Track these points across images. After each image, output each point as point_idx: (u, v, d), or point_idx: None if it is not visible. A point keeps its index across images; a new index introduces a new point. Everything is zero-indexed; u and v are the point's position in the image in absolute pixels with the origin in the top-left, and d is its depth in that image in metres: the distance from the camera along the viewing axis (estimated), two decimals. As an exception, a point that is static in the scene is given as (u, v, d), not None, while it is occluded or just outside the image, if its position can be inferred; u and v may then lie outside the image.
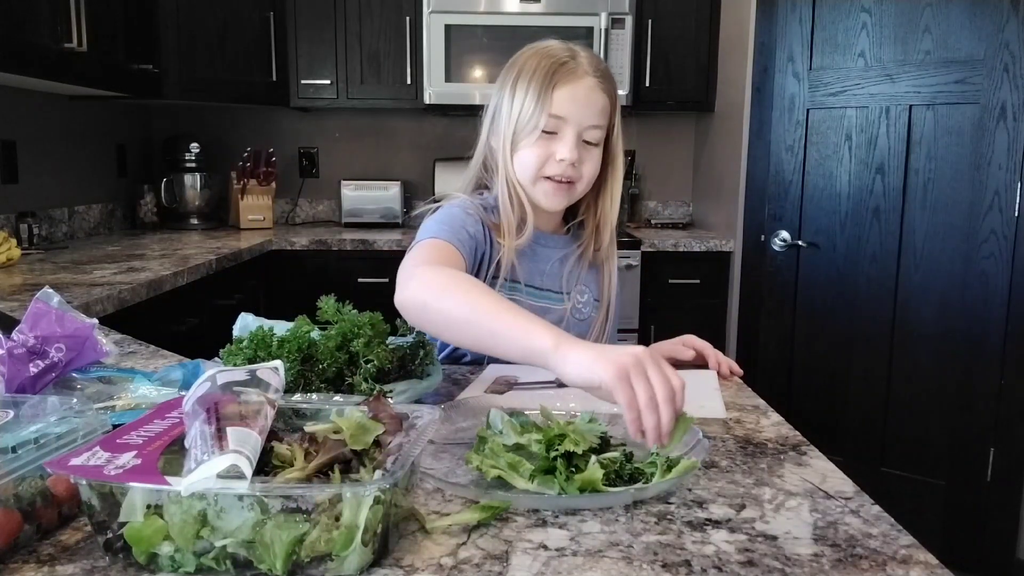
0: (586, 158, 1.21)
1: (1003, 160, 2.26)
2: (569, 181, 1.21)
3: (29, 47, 2.02)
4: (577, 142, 1.19)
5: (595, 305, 1.34)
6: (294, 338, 0.90)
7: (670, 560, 0.60)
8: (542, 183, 1.22)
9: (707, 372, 1.17)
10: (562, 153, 1.19)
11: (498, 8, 3.01)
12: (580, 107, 1.19)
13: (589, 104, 1.19)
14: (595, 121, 1.20)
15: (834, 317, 2.63)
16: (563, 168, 1.19)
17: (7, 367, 0.83)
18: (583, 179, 1.22)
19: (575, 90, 1.19)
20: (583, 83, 1.19)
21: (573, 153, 1.19)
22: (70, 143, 2.84)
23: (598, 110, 1.20)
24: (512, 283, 1.25)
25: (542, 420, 0.84)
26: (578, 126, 1.19)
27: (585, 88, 1.19)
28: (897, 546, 0.63)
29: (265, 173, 3.24)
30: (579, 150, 1.20)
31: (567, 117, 1.18)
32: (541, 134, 1.19)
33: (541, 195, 1.23)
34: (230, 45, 2.98)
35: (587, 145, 1.21)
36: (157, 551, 0.57)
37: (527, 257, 1.28)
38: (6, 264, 2.10)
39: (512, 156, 1.22)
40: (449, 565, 0.59)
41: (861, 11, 2.48)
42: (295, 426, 0.70)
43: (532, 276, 1.28)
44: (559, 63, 1.19)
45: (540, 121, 1.18)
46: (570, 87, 1.19)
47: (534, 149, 1.20)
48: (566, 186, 1.22)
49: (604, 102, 1.21)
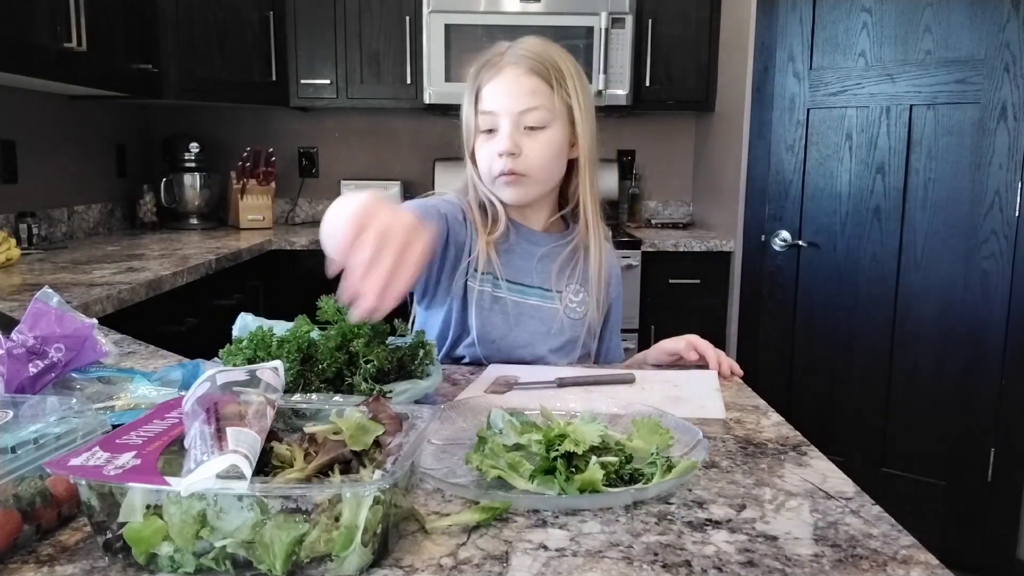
0: (531, 145, 1.21)
1: (1003, 160, 2.25)
2: (516, 173, 1.21)
3: (29, 47, 2.01)
4: (515, 131, 1.20)
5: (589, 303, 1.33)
6: (294, 338, 0.90)
7: (670, 560, 0.60)
8: (498, 180, 1.23)
9: (707, 372, 1.17)
10: (497, 146, 1.21)
11: (498, 8, 3.01)
12: (504, 96, 1.20)
13: (514, 92, 1.20)
14: (526, 104, 1.20)
15: (834, 317, 2.63)
16: (504, 162, 1.20)
17: (6, 367, 0.83)
18: (532, 166, 1.22)
19: (498, 83, 1.21)
20: (505, 73, 1.21)
21: (507, 143, 1.20)
22: (70, 143, 2.84)
23: (526, 93, 1.20)
24: (493, 279, 1.26)
25: (542, 420, 0.84)
26: (509, 115, 1.20)
27: (508, 78, 1.21)
28: (897, 546, 0.63)
29: (265, 173, 3.24)
30: (519, 139, 1.20)
31: (495, 110, 1.21)
32: (483, 134, 1.23)
33: (500, 191, 1.25)
34: (230, 45, 2.97)
35: (531, 131, 1.21)
36: (157, 551, 0.57)
37: (512, 254, 1.28)
38: (5, 264, 2.10)
39: (473, 161, 1.27)
40: (449, 565, 0.59)
41: (861, 11, 2.48)
42: (295, 426, 0.70)
43: (515, 273, 1.28)
44: (484, 62, 1.23)
45: (476, 121, 1.23)
46: (493, 82, 1.21)
47: (482, 149, 1.24)
48: (516, 178, 1.22)
49: (533, 83, 1.21)
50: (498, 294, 1.25)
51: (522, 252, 1.29)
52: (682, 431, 0.84)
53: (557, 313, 1.28)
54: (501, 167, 1.21)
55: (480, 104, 1.22)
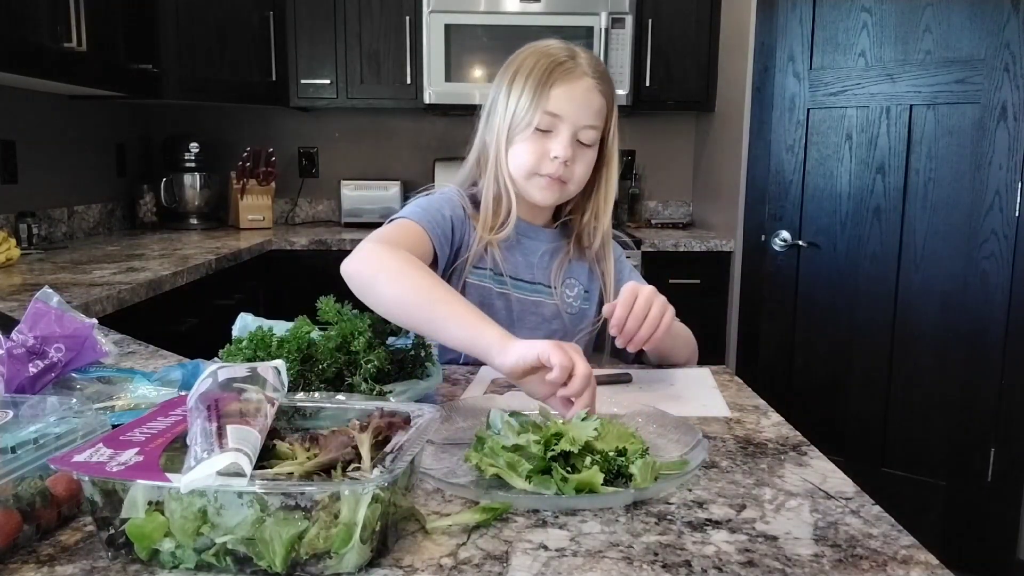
0: (579, 158, 1.22)
1: (1003, 160, 2.25)
2: (561, 179, 1.22)
3: (29, 47, 2.01)
4: (571, 141, 1.20)
5: (585, 297, 1.34)
6: (294, 338, 0.90)
7: (670, 560, 0.60)
8: (535, 179, 1.22)
9: (700, 370, 1.17)
10: (556, 151, 1.19)
11: (498, 8, 3.01)
12: (576, 106, 1.19)
13: (585, 104, 1.20)
14: (590, 121, 1.21)
15: (834, 317, 2.63)
16: (556, 166, 1.20)
17: (6, 367, 0.83)
18: (575, 178, 1.23)
19: (572, 89, 1.19)
20: (581, 83, 1.20)
21: (567, 151, 1.19)
22: (70, 143, 2.84)
23: (594, 111, 1.21)
24: (497, 276, 1.25)
25: (541, 420, 0.84)
26: (573, 125, 1.20)
27: (582, 88, 1.20)
28: (898, 546, 0.63)
29: (265, 173, 3.24)
30: (573, 149, 1.20)
31: (562, 115, 1.19)
32: (536, 131, 1.20)
33: (535, 190, 1.24)
34: (230, 45, 2.98)
35: (581, 145, 1.22)
36: (158, 547, 0.57)
37: (515, 250, 1.28)
38: (5, 264, 2.10)
39: (506, 151, 1.23)
40: (449, 565, 0.59)
41: (861, 11, 2.48)
42: (297, 426, 0.70)
43: (519, 270, 1.28)
44: (557, 62, 1.20)
45: (535, 118, 1.19)
46: (567, 86, 1.19)
47: (528, 145, 1.21)
48: (558, 183, 1.22)
49: (600, 103, 1.22)
50: (502, 291, 1.26)
51: (523, 248, 1.29)
52: (682, 431, 0.84)
53: (557, 309, 1.29)
54: (552, 170, 1.20)
55: (546, 103, 1.19)
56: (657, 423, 0.87)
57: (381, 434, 0.64)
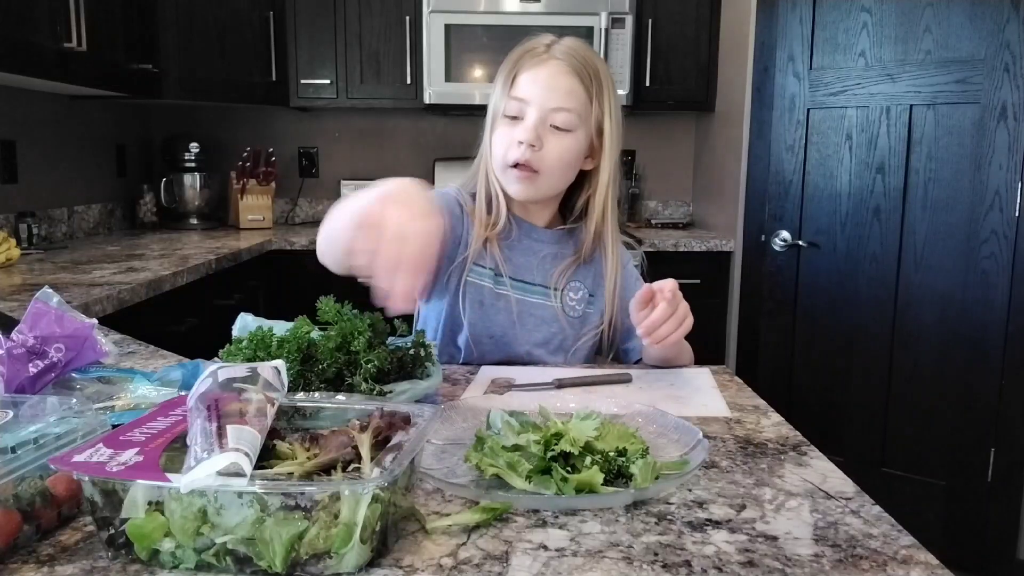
0: (552, 143, 1.19)
1: (1003, 160, 2.25)
2: (531, 168, 1.19)
3: (29, 47, 2.01)
4: (540, 125, 1.18)
5: (589, 301, 1.31)
6: (294, 338, 0.90)
7: (670, 560, 0.60)
8: (509, 171, 1.21)
9: (700, 370, 1.17)
10: (518, 134, 1.18)
11: (498, 8, 3.01)
12: (541, 89, 1.18)
13: (552, 86, 1.18)
14: (560, 103, 1.18)
15: (834, 317, 2.63)
16: (521, 151, 1.17)
17: (6, 367, 0.83)
18: (546, 166, 1.19)
19: (536, 73, 1.19)
20: (546, 66, 1.19)
21: (530, 134, 1.17)
22: (70, 143, 2.84)
23: (563, 92, 1.19)
24: (497, 276, 1.25)
25: (540, 420, 0.84)
26: (540, 108, 1.18)
27: (548, 70, 1.19)
28: (898, 546, 0.63)
29: (265, 173, 3.24)
30: (543, 134, 1.18)
31: (528, 99, 1.19)
32: (507, 119, 1.20)
33: (510, 183, 1.22)
34: (230, 45, 2.97)
35: (556, 131, 1.19)
36: (158, 547, 0.57)
37: (516, 251, 1.27)
38: (5, 264, 2.10)
39: (490, 147, 1.24)
40: (449, 565, 0.59)
41: (861, 11, 2.48)
42: (297, 426, 0.70)
43: (520, 270, 1.27)
44: (527, 50, 1.21)
45: (503, 104, 1.20)
46: (533, 71, 1.19)
47: (500, 134, 1.21)
48: (529, 173, 1.19)
49: (571, 84, 1.19)
50: (501, 291, 1.25)
51: (525, 249, 1.28)
52: (682, 431, 0.84)
53: (557, 311, 1.28)
54: (517, 156, 1.18)
55: (513, 89, 1.19)
56: (657, 423, 0.87)
57: (381, 434, 0.64)
